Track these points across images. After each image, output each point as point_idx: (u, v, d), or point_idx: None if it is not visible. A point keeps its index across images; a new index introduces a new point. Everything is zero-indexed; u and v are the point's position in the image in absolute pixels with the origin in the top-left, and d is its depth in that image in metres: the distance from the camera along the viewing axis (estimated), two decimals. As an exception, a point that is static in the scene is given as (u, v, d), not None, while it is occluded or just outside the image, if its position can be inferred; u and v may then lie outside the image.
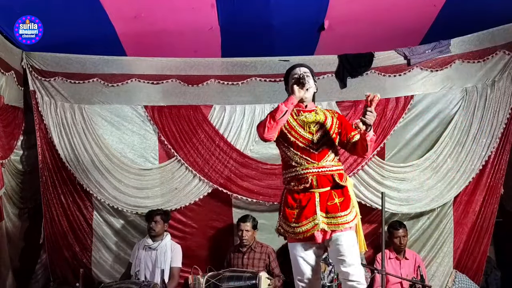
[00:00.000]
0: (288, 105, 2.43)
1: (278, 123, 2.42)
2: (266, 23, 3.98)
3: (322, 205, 2.46)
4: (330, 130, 2.56)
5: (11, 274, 4.07)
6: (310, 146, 2.51)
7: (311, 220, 2.43)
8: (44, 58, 4.27)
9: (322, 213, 2.44)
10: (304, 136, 2.52)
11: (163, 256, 4.02)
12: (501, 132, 4.14)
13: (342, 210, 2.45)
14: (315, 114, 2.59)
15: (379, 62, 4.32)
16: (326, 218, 2.43)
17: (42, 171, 4.34)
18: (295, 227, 2.46)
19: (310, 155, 2.50)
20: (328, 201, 2.46)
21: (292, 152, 2.54)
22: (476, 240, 4.26)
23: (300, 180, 2.50)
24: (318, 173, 2.48)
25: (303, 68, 2.63)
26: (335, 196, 2.48)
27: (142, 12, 3.78)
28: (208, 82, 4.40)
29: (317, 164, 2.48)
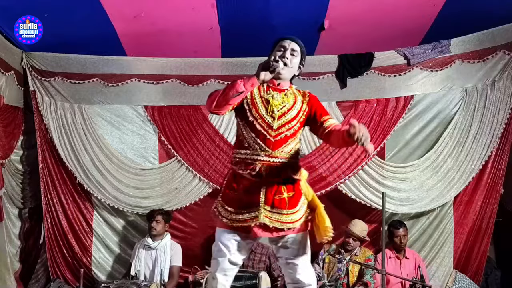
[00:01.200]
0: (247, 86, 2.13)
1: (229, 101, 2.15)
2: (266, 23, 3.97)
3: (268, 198, 2.22)
4: (294, 118, 2.29)
5: (11, 274, 4.06)
6: (268, 131, 2.24)
7: (251, 211, 2.21)
8: (44, 58, 4.27)
9: (266, 206, 2.21)
10: (265, 119, 2.25)
11: (163, 256, 4.02)
12: (501, 132, 4.14)
13: (290, 207, 2.24)
14: (283, 96, 2.31)
15: (379, 62, 4.32)
16: (270, 212, 2.21)
17: (42, 171, 4.34)
18: (232, 212, 2.24)
19: (265, 140, 2.23)
20: (276, 194, 2.23)
21: (248, 132, 2.27)
22: (476, 240, 4.26)
23: (247, 165, 2.24)
24: (269, 162, 2.22)
25: (293, 44, 2.35)
26: (284, 190, 2.25)
27: (142, 12, 3.77)
28: (208, 82, 4.40)
29: (271, 152, 2.23)
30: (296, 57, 2.35)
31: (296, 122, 2.31)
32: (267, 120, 2.26)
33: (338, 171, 4.32)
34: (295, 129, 2.31)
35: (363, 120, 4.34)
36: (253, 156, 2.24)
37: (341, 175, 4.31)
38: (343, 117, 4.38)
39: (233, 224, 2.24)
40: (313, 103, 2.38)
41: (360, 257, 3.93)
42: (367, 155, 2.03)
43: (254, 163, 2.23)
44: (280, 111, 2.28)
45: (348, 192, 4.33)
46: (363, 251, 4.03)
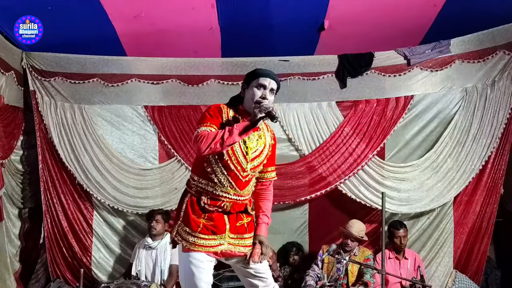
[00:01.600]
0: (243, 136, 2.18)
1: (223, 149, 2.18)
2: (266, 23, 3.98)
3: (232, 225, 2.32)
4: (262, 162, 2.38)
5: (11, 274, 4.06)
6: (240, 172, 2.28)
7: (218, 238, 2.28)
8: (44, 58, 4.27)
9: (231, 234, 2.31)
10: (239, 159, 2.27)
11: (163, 255, 4.02)
12: (501, 132, 4.14)
13: (249, 232, 2.38)
14: (258, 137, 2.35)
15: (379, 62, 4.32)
16: (233, 239, 2.32)
17: (42, 171, 4.34)
18: (200, 237, 2.26)
19: (236, 181, 2.29)
20: (237, 221, 2.35)
21: (220, 169, 2.27)
22: (476, 240, 4.26)
23: (214, 200, 2.29)
24: (236, 201, 2.32)
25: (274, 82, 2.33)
26: (244, 217, 2.38)
27: (142, 12, 3.77)
28: (208, 82, 4.40)
29: (239, 192, 2.31)
30: (273, 95, 2.35)
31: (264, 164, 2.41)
32: (240, 161, 2.29)
33: (338, 171, 4.32)
34: (259, 170, 2.41)
35: (363, 120, 4.34)
36: (221, 193, 2.30)
37: (341, 175, 4.31)
38: (343, 117, 4.38)
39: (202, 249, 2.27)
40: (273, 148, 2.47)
41: (359, 257, 3.93)
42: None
43: (221, 200, 2.30)
44: (253, 154, 2.33)
45: (348, 192, 4.33)
46: (362, 251, 4.03)
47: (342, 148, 4.32)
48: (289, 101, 4.40)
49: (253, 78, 2.32)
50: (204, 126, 2.22)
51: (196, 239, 2.26)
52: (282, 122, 4.41)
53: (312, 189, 4.36)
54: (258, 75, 2.31)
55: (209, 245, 2.27)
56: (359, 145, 4.32)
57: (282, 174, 4.36)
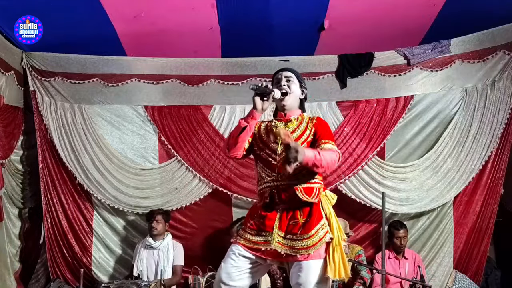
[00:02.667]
0: (248, 120, 2.20)
1: (238, 141, 2.21)
2: (266, 23, 3.98)
3: (283, 223, 2.18)
4: (298, 139, 2.23)
5: (11, 274, 4.07)
6: (272, 156, 2.24)
7: (264, 235, 2.20)
8: (44, 58, 4.27)
9: (280, 231, 2.18)
10: (269, 146, 2.27)
11: (165, 255, 4.02)
12: (501, 132, 4.14)
13: (303, 233, 2.14)
14: (287, 122, 2.32)
15: (379, 62, 4.32)
16: (283, 238, 2.17)
17: (42, 171, 4.34)
18: (247, 232, 2.26)
19: (271, 166, 2.23)
20: (291, 220, 2.19)
21: (259, 165, 2.32)
22: (476, 240, 4.26)
23: (262, 195, 2.28)
24: (278, 186, 2.20)
25: (286, 72, 2.36)
26: (300, 216, 2.19)
27: (142, 12, 3.77)
28: (208, 82, 4.40)
29: (277, 175, 2.20)
30: (293, 82, 2.35)
31: (302, 142, 2.23)
32: (271, 146, 2.27)
33: (338, 171, 4.31)
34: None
35: (363, 120, 4.34)
36: (265, 185, 2.28)
37: (341, 175, 4.31)
38: (343, 117, 4.38)
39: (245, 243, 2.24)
40: (319, 126, 2.31)
41: (350, 254, 3.91)
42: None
43: (265, 191, 2.27)
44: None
45: (348, 192, 4.33)
46: (352, 248, 4.02)
47: (342, 148, 4.32)
48: (289, 101, 4.39)
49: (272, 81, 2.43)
50: None
51: (243, 233, 2.29)
52: (282, 122, 4.41)
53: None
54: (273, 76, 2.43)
55: (253, 241, 2.22)
56: (359, 145, 4.32)
57: (282, 174, 4.36)
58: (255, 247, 2.22)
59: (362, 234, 4.43)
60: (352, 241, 4.26)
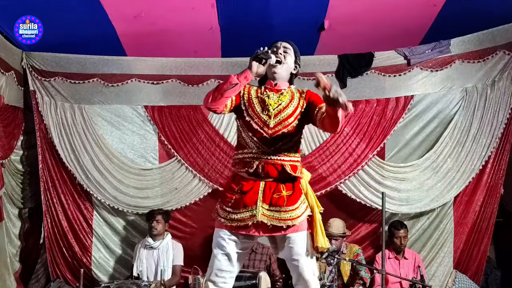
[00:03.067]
0: (241, 78, 2.16)
1: (224, 95, 2.16)
2: (266, 23, 3.98)
3: (266, 196, 2.21)
4: (291, 115, 2.28)
5: (11, 274, 4.06)
6: (264, 129, 2.24)
7: (249, 210, 2.19)
8: (44, 58, 4.27)
9: (264, 204, 2.20)
10: (261, 117, 2.26)
11: (165, 255, 4.02)
12: (501, 132, 4.13)
13: (288, 205, 2.20)
14: (279, 95, 2.31)
15: (379, 62, 4.32)
16: (268, 210, 2.19)
17: (42, 171, 4.34)
18: (230, 212, 2.23)
19: (262, 139, 2.24)
20: (275, 193, 2.22)
21: (246, 133, 2.29)
22: (476, 240, 4.25)
23: (245, 164, 2.25)
24: (267, 160, 2.22)
25: (285, 43, 2.38)
26: (283, 189, 2.24)
27: (142, 12, 3.77)
28: (208, 82, 4.40)
29: (268, 150, 2.23)
30: (289, 54, 2.36)
31: (293, 119, 2.29)
32: (263, 118, 2.27)
33: (338, 171, 4.32)
34: (293, 126, 2.29)
35: (363, 120, 4.35)
36: (251, 154, 2.26)
37: (341, 175, 4.31)
38: (343, 117, 4.38)
39: (232, 224, 2.22)
40: (310, 96, 2.34)
41: (348, 254, 3.91)
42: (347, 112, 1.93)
43: (252, 161, 2.24)
44: (276, 109, 2.28)
45: (348, 192, 4.33)
46: (350, 248, 4.01)
47: (342, 148, 4.32)
48: (289, 101, 4.39)
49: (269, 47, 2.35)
50: None
51: (225, 214, 2.25)
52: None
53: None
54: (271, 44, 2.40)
55: (238, 219, 2.20)
56: (359, 145, 4.32)
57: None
58: (241, 224, 2.21)
59: (362, 234, 4.43)
60: (352, 241, 4.27)
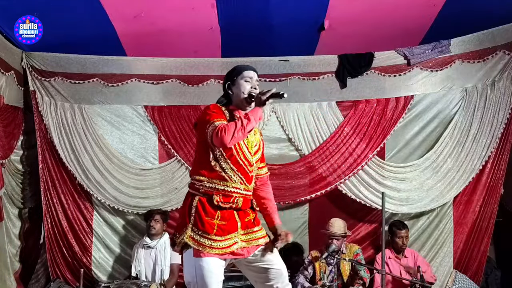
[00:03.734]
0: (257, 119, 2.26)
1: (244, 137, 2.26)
2: (266, 23, 3.98)
3: (242, 222, 2.34)
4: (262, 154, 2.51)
5: (11, 274, 4.06)
6: (247, 166, 2.35)
7: (232, 237, 2.27)
8: (44, 58, 4.27)
9: (241, 230, 2.32)
10: (245, 154, 2.35)
11: (162, 254, 4.02)
12: (501, 132, 4.13)
13: (257, 225, 2.41)
14: (254, 132, 2.42)
15: (379, 62, 4.32)
16: (244, 235, 2.32)
17: (42, 171, 4.34)
18: (218, 240, 2.22)
19: (245, 175, 2.33)
20: (245, 218, 2.37)
21: (229, 165, 2.29)
22: (476, 240, 4.25)
23: (227, 197, 2.29)
24: (246, 196, 2.36)
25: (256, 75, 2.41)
26: (250, 213, 2.41)
27: (142, 12, 3.78)
28: (208, 82, 4.40)
29: (247, 186, 2.36)
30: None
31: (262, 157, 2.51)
32: (246, 155, 2.36)
33: (338, 171, 4.32)
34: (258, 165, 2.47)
35: (363, 120, 4.34)
36: (233, 189, 2.30)
37: (341, 175, 4.31)
38: (343, 117, 4.38)
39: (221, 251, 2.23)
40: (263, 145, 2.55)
41: (348, 254, 3.90)
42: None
43: (233, 196, 2.31)
44: (254, 148, 2.42)
45: (348, 192, 4.33)
46: (349, 247, 4.00)
47: (342, 148, 4.32)
48: (289, 101, 4.39)
49: (237, 74, 2.39)
50: (218, 121, 2.23)
51: (212, 242, 2.21)
52: (282, 122, 4.41)
53: (312, 189, 4.36)
54: (241, 70, 2.39)
55: (225, 246, 2.24)
56: (359, 145, 4.32)
57: (282, 174, 4.37)
58: (228, 251, 2.26)
59: (362, 234, 4.43)
60: (352, 241, 4.26)
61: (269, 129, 4.43)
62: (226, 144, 2.18)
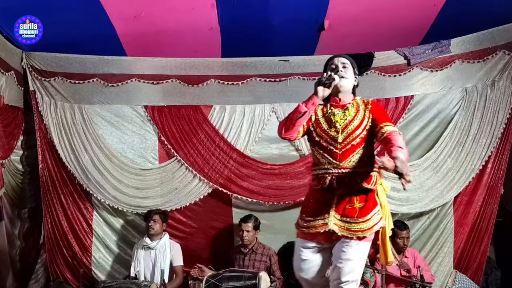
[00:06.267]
0: (309, 105, 2.36)
1: (296, 124, 2.37)
2: (266, 23, 3.97)
3: (339, 207, 2.33)
4: (358, 127, 2.38)
5: (11, 274, 4.06)
6: (333, 145, 2.37)
7: (322, 218, 2.33)
8: (44, 58, 4.27)
9: (336, 214, 2.32)
10: (329, 134, 2.39)
11: (162, 255, 4.02)
12: (501, 132, 4.14)
13: (360, 216, 2.30)
14: (344, 110, 2.43)
15: (379, 62, 4.32)
16: (340, 220, 2.31)
17: (42, 171, 4.34)
18: (307, 220, 2.39)
19: (332, 154, 2.36)
20: (348, 204, 2.33)
21: (317, 151, 2.43)
22: (476, 240, 4.25)
23: (320, 179, 2.39)
24: (339, 174, 2.33)
25: (341, 58, 2.53)
26: (356, 201, 2.33)
27: (142, 12, 3.77)
28: (208, 82, 4.40)
29: (339, 164, 2.33)
30: (348, 68, 2.51)
31: (361, 131, 2.39)
32: (331, 135, 2.39)
33: (338, 171, 4.31)
34: (361, 137, 2.39)
35: (363, 120, 4.34)
36: (323, 170, 2.38)
37: (341, 175, 4.30)
38: (343, 117, 4.38)
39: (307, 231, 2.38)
40: (374, 110, 2.45)
41: None
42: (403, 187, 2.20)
43: (325, 176, 2.36)
44: (342, 124, 2.40)
45: (348, 192, 4.32)
46: None
47: (342, 148, 4.32)
48: (289, 101, 4.39)
49: (325, 65, 2.60)
50: None
51: (301, 222, 2.42)
52: (282, 122, 4.41)
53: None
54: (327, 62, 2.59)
55: (312, 226, 2.35)
56: (359, 145, 4.31)
57: (282, 174, 4.37)
58: (313, 232, 2.34)
59: (362, 234, 4.42)
60: (352, 241, 4.26)
61: (269, 129, 4.43)
62: (280, 135, 2.44)
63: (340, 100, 2.47)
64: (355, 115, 2.42)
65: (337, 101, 2.47)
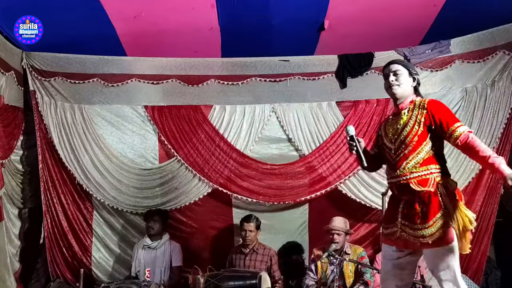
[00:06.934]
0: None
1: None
2: (266, 23, 3.97)
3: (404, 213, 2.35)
4: (409, 135, 2.34)
5: (11, 274, 4.06)
6: (390, 154, 2.45)
7: (393, 226, 2.40)
8: (44, 58, 4.27)
9: (403, 221, 2.35)
10: (386, 145, 2.48)
11: (163, 256, 4.02)
12: (501, 132, 4.13)
13: (422, 223, 2.24)
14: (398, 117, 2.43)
15: (379, 62, 4.30)
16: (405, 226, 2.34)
17: (42, 171, 4.34)
18: (384, 227, 2.52)
19: (390, 164, 2.46)
20: (411, 210, 2.30)
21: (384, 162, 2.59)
22: (476, 240, 4.23)
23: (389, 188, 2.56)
24: (397, 182, 2.39)
25: (393, 66, 2.46)
26: (419, 206, 2.27)
27: (142, 12, 3.78)
28: (208, 82, 4.40)
29: (395, 173, 2.39)
30: (400, 74, 2.44)
31: (413, 136, 2.34)
32: (388, 146, 2.47)
33: (338, 171, 4.32)
34: (414, 144, 2.34)
35: (363, 120, 4.34)
36: (389, 180, 2.49)
37: (341, 175, 4.31)
38: (343, 117, 4.38)
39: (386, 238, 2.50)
40: (434, 110, 2.35)
41: (352, 256, 3.86)
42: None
43: (391, 186, 2.50)
44: (395, 133, 2.43)
45: (348, 192, 4.33)
46: (354, 249, 3.96)
47: (342, 148, 4.32)
48: (289, 101, 4.40)
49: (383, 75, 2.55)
50: None
51: (384, 229, 2.52)
52: (282, 122, 4.42)
53: (312, 189, 4.36)
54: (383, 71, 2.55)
55: (388, 233, 2.45)
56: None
57: (282, 174, 4.37)
58: (391, 238, 2.41)
59: (362, 234, 4.43)
60: (352, 241, 4.25)
61: (269, 129, 4.43)
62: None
63: (399, 107, 2.47)
64: (407, 121, 2.38)
65: (397, 108, 2.49)
